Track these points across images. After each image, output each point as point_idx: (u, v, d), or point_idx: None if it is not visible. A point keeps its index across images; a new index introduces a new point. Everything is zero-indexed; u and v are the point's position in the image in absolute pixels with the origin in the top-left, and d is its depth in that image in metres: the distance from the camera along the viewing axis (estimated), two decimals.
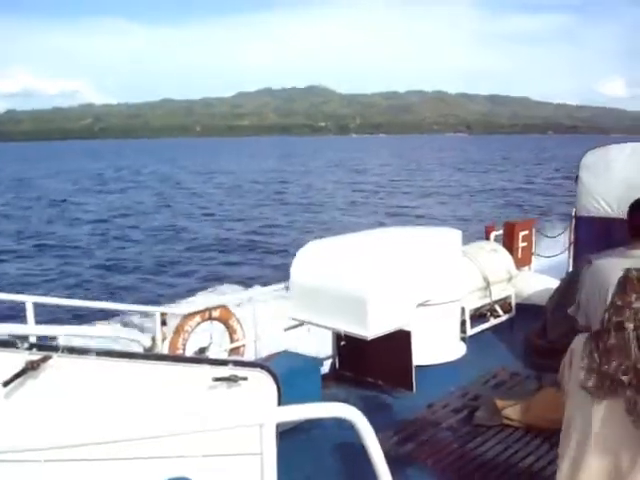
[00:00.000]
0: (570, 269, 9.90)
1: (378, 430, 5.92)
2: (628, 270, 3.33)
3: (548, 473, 5.37)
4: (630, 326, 3.08)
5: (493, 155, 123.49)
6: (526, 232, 11.24)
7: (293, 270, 7.37)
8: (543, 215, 32.88)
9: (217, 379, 3.11)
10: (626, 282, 3.27)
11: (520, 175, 75.07)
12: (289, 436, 4.97)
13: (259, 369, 3.20)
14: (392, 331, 6.82)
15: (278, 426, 3.23)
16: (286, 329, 7.46)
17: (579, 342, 3.47)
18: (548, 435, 5.94)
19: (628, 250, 4.75)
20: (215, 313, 7.18)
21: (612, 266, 4.07)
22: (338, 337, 7.49)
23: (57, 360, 2.88)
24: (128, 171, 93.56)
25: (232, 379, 3.12)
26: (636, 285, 3.22)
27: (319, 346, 7.80)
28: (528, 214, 35.62)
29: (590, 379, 3.18)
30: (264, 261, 27.88)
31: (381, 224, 24.84)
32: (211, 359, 5.70)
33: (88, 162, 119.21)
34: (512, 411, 6.20)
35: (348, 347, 7.43)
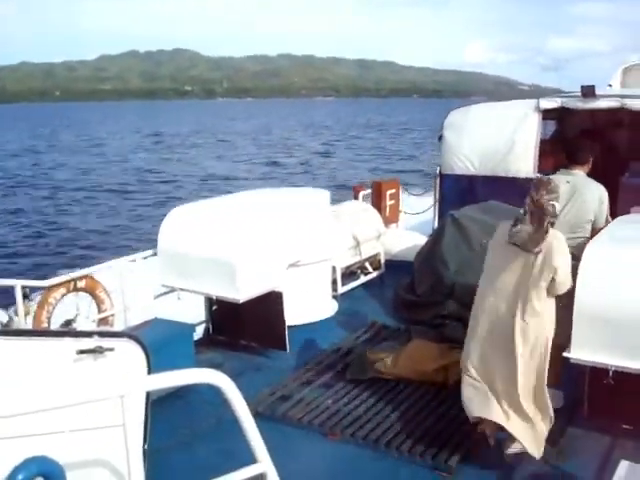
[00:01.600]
0: (436, 225, 10.21)
1: (253, 391, 5.95)
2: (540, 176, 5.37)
3: (418, 421, 5.56)
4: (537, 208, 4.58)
5: (360, 119, 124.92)
6: (393, 191, 11.49)
7: (160, 236, 7.20)
8: (410, 173, 33.70)
9: (82, 351, 2.99)
10: (538, 184, 4.71)
11: (386, 137, 76.33)
12: (165, 403, 4.89)
13: (126, 339, 3.10)
14: (264, 293, 6.82)
15: (149, 395, 3.15)
16: (156, 296, 7.29)
17: (502, 225, 4.99)
18: (417, 385, 6.16)
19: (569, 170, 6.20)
20: (80, 283, 6.90)
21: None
22: (210, 302, 7.42)
23: None
24: None
25: (97, 350, 3.01)
26: (545, 184, 4.70)
27: (191, 312, 7.68)
28: (396, 174, 36.42)
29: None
30: (129, 229, 26.97)
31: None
32: (75, 331, 5.50)
33: None
34: (382, 364, 6.36)
35: (221, 311, 7.38)
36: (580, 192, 5.99)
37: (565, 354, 5.01)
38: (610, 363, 4.80)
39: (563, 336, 4.91)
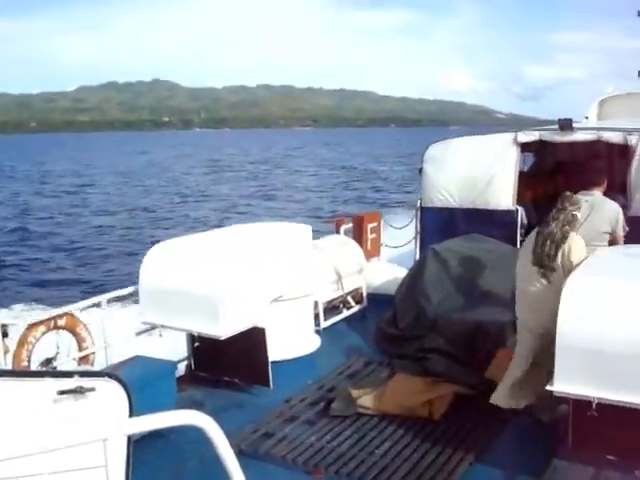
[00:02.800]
0: (417, 258, 10.24)
1: (236, 428, 5.90)
2: (565, 193, 5.92)
3: (404, 457, 5.53)
4: (561, 217, 5.61)
5: (340, 150, 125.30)
6: (374, 224, 11.53)
7: (142, 272, 7.16)
8: (391, 207, 33.82)
9: (62, 392, 2.95)
10: (563, 198, 5.74)
11: (365, 169, 76.69)
12: (147, 442, 4.82)
13: (106, 378, 3.07)
14: (246, 329, 6.79)
15: (131, 436, 3.12)
16: (138, 333, 7.25)
17: (529, 237, 5.93)
18: (402, 421, 6.13)
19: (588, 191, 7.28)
20: (61, 321, 6.85)
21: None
22: (192, 338, 7.37)
23: None
24: None
25: (78, 391, 2.97)
26: (569, 198, 5.76)
27: (173, 348, 7.63)
28: (376, 206, 36.49)
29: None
30: (108, 266, 26.71)
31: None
32: (55, 371, 5.45)
33: None
34: (366, 400, 6.33)
35: (203, 348, 7.32)
36: (597, 208, 7.16)
37: (548, 387, 5.03)
38: (593, 395, 4.82)
39: None
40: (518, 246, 9.53)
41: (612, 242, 7.21)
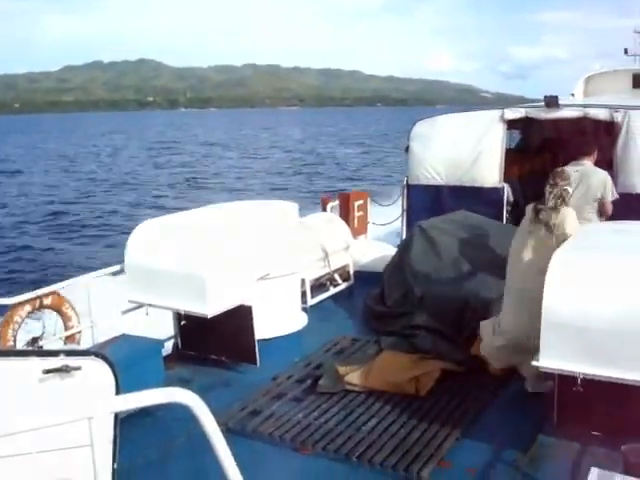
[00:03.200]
0: (404, 235, 10.25)
1: (224, 406, 5.91)
2: (557, 168, 6.38)
3: (391, 433, 5.55)
4: (554, 191, 5.93)
5: (326, 128, 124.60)
6: (361, 202, 11.52)
7: (128, 250, 7.12)
8: (378, 184, 33.75)
9: (48, 371, 2.94)
10: (554, 174, 6.11)
11: (355, 147, 76.47)
12: (134, 420, 4.82)
13: (93, 357, 3.06)
14: (233, 307, 6.78)
15: (118, 414, 3.11)
16: (124, 312, 7.21)
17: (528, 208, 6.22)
18: (389, 397, 6.15)
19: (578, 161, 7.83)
20: (46, 300, 6.80)
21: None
22: (179, 317, 7.35)
23: None
24: None
25: (64, 370, 2.96)
26: (560, 173, 6.14)
27: (160, 327, 7.60)
28: (364, 184, 36.33)
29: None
30: (96, 244, 26.54)
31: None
32: (41, 350, 5.43)
33: None
34: (353, 376, 6.34)
35: (189, 326, 7.31)
36: (587, 177, 7.68)
37: (534, 362, 5.06)
38: (578, 371, 4.85)
39: None
40: (504, 222, 9.58)
41: (601, 208, 7.76)
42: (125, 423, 3.23)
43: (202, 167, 57.83)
